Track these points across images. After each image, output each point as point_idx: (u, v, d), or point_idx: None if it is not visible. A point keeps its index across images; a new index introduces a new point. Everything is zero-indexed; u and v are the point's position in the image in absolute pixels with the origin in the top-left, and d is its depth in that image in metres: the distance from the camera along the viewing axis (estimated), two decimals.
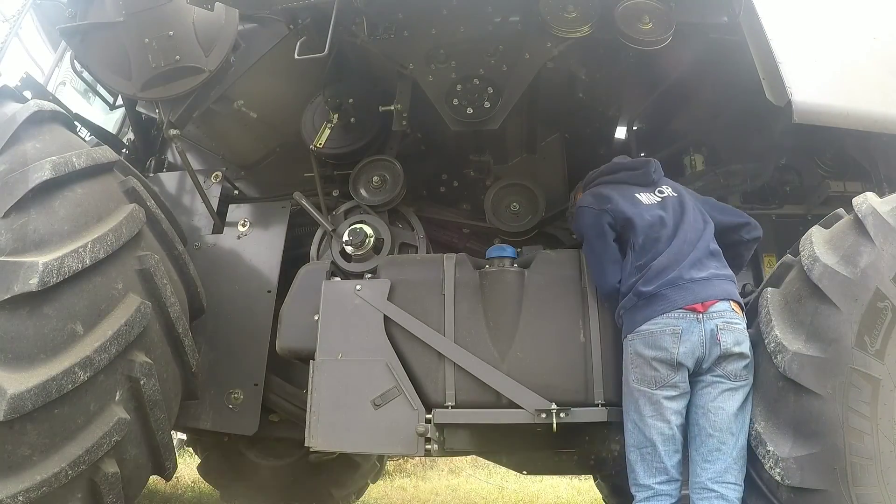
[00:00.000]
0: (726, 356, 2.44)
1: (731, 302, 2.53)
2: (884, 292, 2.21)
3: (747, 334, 2.51)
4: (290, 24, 3.17)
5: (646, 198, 2.85)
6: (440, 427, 2.79)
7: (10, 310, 2.39)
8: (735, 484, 2.38)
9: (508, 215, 3.60)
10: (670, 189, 2.91)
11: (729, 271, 2.67)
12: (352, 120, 3.66)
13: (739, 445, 2.41)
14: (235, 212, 3.83)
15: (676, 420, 2.46)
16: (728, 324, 2.47)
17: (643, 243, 2.69)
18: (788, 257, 2.58)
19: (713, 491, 2.36)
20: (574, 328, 2.83)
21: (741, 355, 2.46)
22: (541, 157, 3.97)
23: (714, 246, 2.71)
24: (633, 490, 2.51)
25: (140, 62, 3.29)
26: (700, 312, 2.48)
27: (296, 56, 3.06)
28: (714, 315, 2.48)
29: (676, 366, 2.46)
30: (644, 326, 2.54)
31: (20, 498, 2.32)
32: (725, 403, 2.43)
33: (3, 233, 2.50)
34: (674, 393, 2.47)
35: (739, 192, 3.63)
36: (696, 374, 2.50)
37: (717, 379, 2.46)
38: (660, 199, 2.85)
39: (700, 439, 2.45)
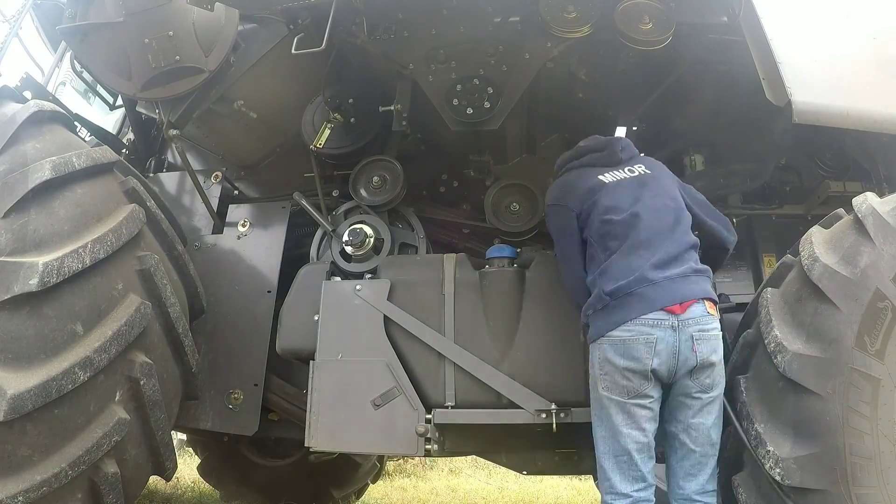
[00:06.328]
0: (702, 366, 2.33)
1: (707, 302, 2.38)
2: (884, 292, 2.21)
3: (720, 338, 2.40)
4: (289, 25, 3.18)
5: (610, 177, 2.62)
6: (440, 427, 2.79)
7: (10, 310, 2.39)
8: (714, 491, 2.38)
9: (508, 215, 3.60)
10: (643, 167, 2.66)
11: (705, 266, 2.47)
12: (352, 120, 3.66)
13: (717, 454, 2.39)
14: (235, 212, 3.82)
15: (651, 428, 2.37)
16: (703, 332, 2.33)
17: (601, 233, 2.50)
18: (788, 257, 2.58)
19: (698, 502, 2.35)
20: (574, 328, 2.82)
21: (714, 364, 2.36)
22: (541, 157, 3.97)
23: (691, 237, 2.50)
24: (608, 498, 2.38)
25: (140, 62, 3.29)
26: (677, 315, 2.31)
27: (293, 51, 3.06)
28: (690, 322, 2.31)
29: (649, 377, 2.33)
30: (615, 332, 2.35)
31: (20, 498, 2.32)
32: (706, 419, 2.36)
33: (3, 233, 2.50)
34: (647, 402, 2.35)
35: (739, 192, 3.63)
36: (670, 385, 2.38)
37: (696, 394, 2.36)
38: (624, 178, 2.61)
39: (682, 453, 2.39)
